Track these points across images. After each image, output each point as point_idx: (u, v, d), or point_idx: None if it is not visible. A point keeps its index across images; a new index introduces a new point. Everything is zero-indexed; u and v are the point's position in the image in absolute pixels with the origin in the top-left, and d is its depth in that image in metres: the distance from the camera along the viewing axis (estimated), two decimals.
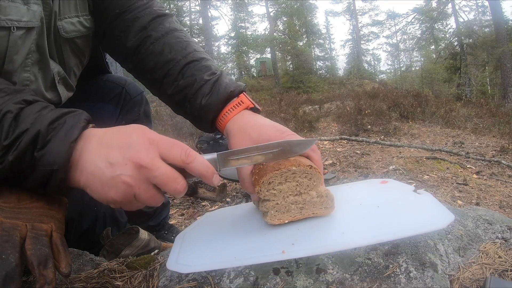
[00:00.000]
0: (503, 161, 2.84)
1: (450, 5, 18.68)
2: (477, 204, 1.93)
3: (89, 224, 0.91)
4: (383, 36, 29.88)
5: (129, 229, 0.89)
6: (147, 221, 1.24)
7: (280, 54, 23.77)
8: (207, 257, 0.52)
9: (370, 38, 29.65)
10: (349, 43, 29.36)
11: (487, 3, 16.22)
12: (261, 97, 11.21)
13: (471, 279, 0.53)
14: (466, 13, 18.79)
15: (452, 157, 3.04)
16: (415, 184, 2.17)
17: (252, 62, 26.48)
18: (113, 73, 1.04)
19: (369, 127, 4.52)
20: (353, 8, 28.02)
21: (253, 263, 0.52)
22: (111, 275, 0.61)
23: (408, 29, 26.69)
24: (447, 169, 2.62)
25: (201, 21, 21.46)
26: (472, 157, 3.01)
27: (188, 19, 21.44)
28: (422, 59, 28.16)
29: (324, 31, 29.18)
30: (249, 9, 26.22)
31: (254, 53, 25.65)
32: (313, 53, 25.08)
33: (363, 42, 29.25)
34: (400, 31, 28.36)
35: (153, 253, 0.86)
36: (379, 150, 3.38)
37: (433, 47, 23.80)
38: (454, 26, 19.03)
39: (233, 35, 25.07)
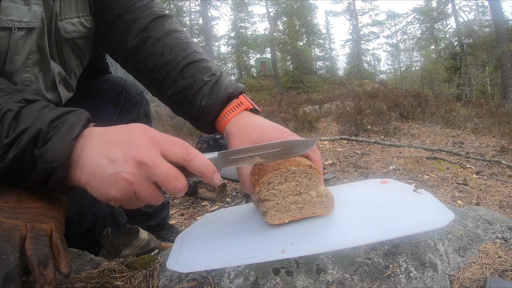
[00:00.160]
0: (503, 161, 2.84)
1: (450, 5, 18.72)
2: (477, 204, 1.93)
3: (89, 224, 0.91)
4: (383, 36, 29.95)
5: (129, 229, 0.89)
6: (147, 221, 1.24)
7: (280, 54, 23.77)
8: (207, 256, 0.53)
9: (370, 38, 29.70)
10: (349, 43, 29.42)
11: (487, 3, 16.25)
12: (261, 97, 11.20)
13: (471, 279, 0.53)
14: (466, 13, 18.83)
15: (452, 157, 3.04)
16: (415, 184, 2.17)
17: (252, 62, 26.50)
18: (113, 73, 1.04)
19: (369, 127, 4.52)
20: (353, 8, 28.04)
21: (253, 262, 0.52)
22: (111, 275, 0.61)
23: (408, 29, 26.78)
24: (447, 169, 2.62)
25: (201, 21, 21.50)
26: (472, 157, 3.01)
27: (188, 19, 21.45)
28: (422, 59, 28.18)
29: (324, 31, 29.25)
30: (249, 9, 26.28)
31: (254, 53, 25.65)
32: (313, 53, 25.09)
33: (363, 42, 29.28)
34: (400, 31, 28.42)
35: (153, 253, 0.86)
36: (379, 150, 3.38)
37: (433, 47, 23.83)
38: (454, 26, 19.09)
39: (233, 35, 25.08)
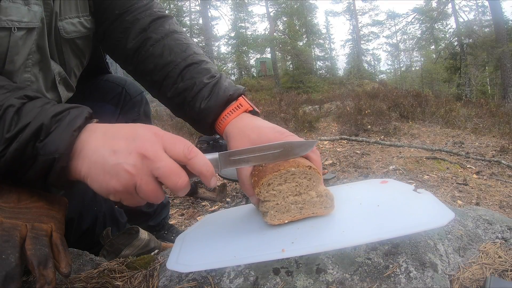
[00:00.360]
0: (503, 161, 2.84)
1: (450, 5, 18.70)
2: (477, 204, 1.93)
3: (89, 224, 0.91)
4: (383, 36, 29.91)
5: (129, 229, 0.89)
6: (147, 221, 1.24)
7: (280, 54, 23.77)
8: (207, 256, 0.53)
9: (370, 38, 29.67)
10: (349, 43, 29.39)
11: (487, 3, 16.23)
12: (261, 97, 11.19)
13: (471, 279, 0.53)
14: (466, 13, 18.80)
15: (452, 157, 3.04)
16: (415, 184, 2.16)
17: (252, 62, 26.52)
18: (113, 73, 1.04)
19: (369, 127, 4.52)
20: (353, 8, 28.03)
21: (253, 262, 0.52)
22: (111, 275, 0.61)
23: (408, 29, 26.77)
24: (447, 169, 2.62)
25: (201, 21, 21.48)
26: (472, 157, 3.01)
27: (188, 19, 21.44)
28: (422, 59, 28.17)
29: (324, 31, 29.25)
30: (249, 9, 26.28)
31: (254, 53, 25.65)
32: (313, 53, 25.09)
33: (363, 42, 29.26)
34: (400, 31, 28.40)
35: (153, 253, 0.86)
36: (379, 150, 3.38)
37: (433, 47, 23.83)
38: (454, 26, 19.07)
39: (233, 35, 25.07)
